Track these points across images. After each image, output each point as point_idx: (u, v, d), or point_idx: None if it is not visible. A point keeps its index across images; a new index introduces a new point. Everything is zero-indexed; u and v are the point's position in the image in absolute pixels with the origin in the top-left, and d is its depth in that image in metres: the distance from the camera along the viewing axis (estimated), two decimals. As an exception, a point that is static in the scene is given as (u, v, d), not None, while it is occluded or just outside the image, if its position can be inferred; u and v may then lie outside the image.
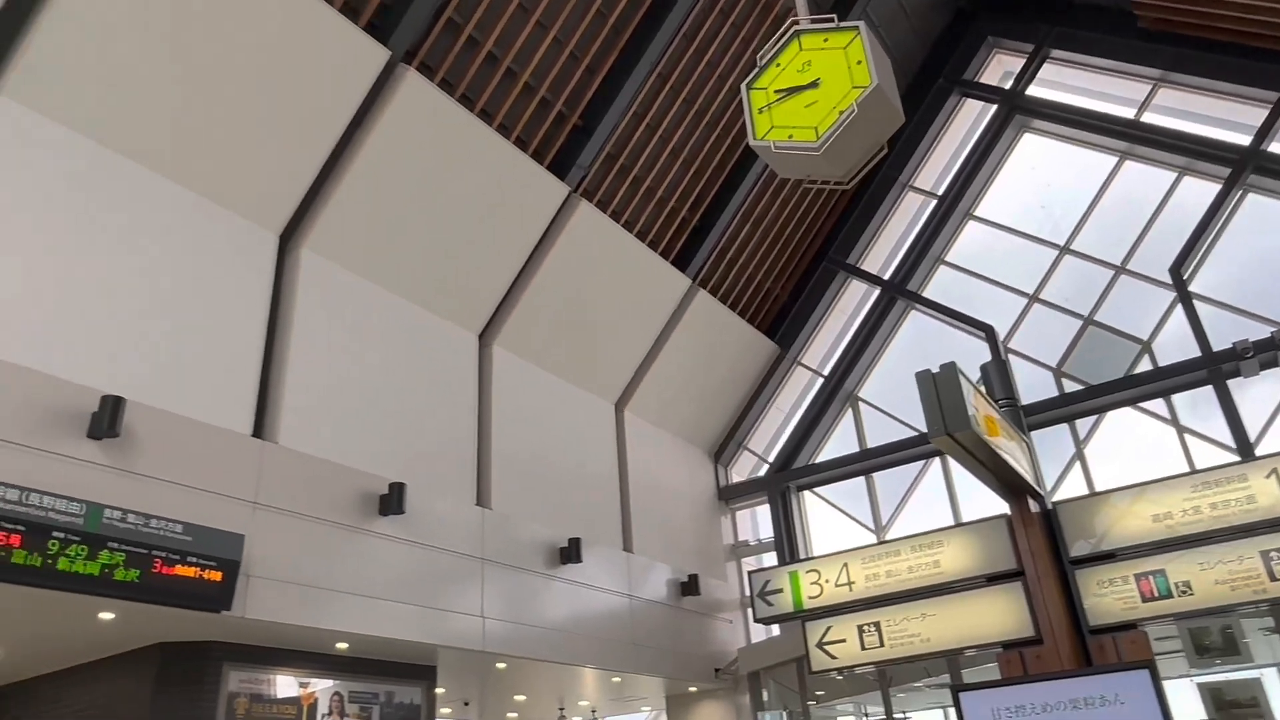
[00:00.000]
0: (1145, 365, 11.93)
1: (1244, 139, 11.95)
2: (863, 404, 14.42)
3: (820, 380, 14.88)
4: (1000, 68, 14.91)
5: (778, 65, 6.16)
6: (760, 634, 13.70)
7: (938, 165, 15.05)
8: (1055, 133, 13.89)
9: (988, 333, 12.86)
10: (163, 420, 7.37)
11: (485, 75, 10.19)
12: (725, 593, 14.03)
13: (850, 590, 6.96)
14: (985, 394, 6.36)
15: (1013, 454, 6.31)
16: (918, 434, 13.18)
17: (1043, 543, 6.41)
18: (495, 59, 10.20)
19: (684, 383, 14.02)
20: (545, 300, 11.60)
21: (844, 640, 6.84)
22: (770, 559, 14.37)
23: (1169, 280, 11.80)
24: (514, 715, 14.00)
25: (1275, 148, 11.67)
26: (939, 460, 13.29)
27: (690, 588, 12.83)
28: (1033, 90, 13.99)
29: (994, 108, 14.34)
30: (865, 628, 6.72)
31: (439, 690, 10.17)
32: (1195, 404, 11.55)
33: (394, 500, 8.80)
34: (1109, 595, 6.10)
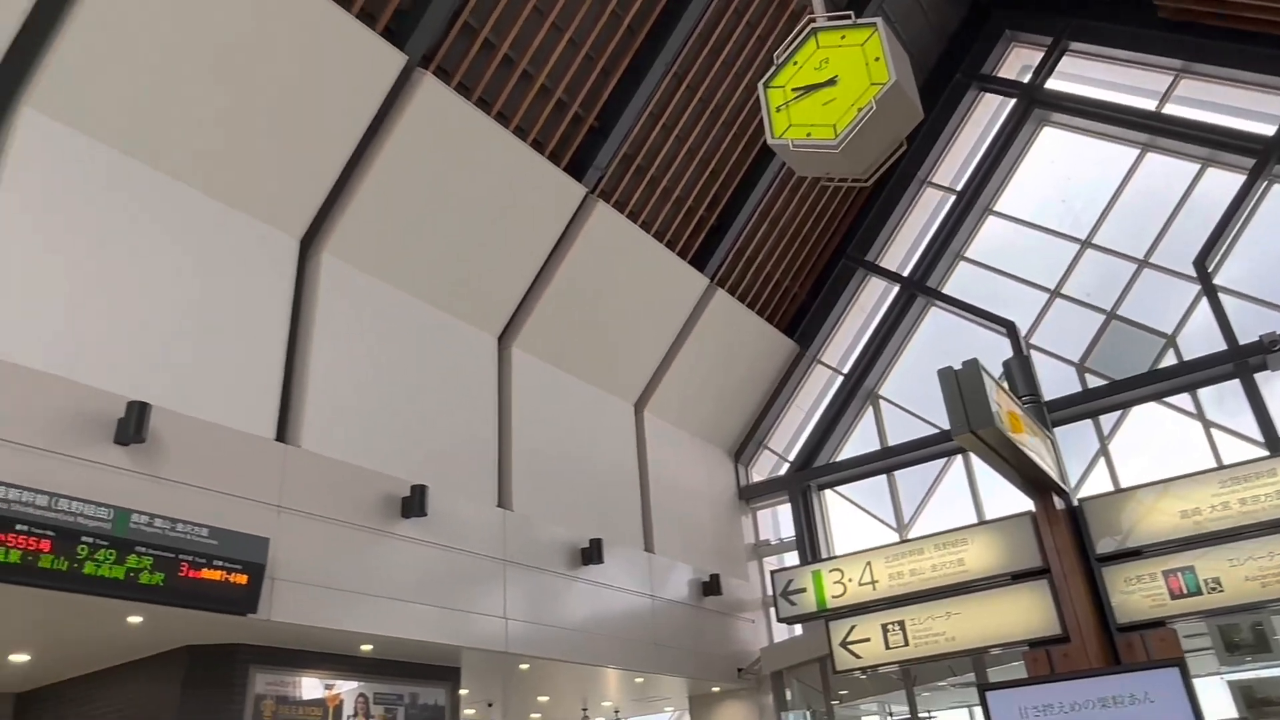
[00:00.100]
0: (1170, 360, 11.80)
1: (1268, 129, 11.80)
2: (883, 402, 14.35)
3: (840, 378, 14.83)
4: (1018, 61, 14.79)
5: (795, 63, 6.14)
6: (782, 633, 13.67)
7: (956, 161, 14.96)
8: (1075, 126, 13.76)
9: (1009, 329, 12.77)
10: (188, 425, 7.45)
11: (501, 78, 10.23)
12: (747, 592, 14.00)
13: (874, 589, 6.90)
14: (1008, 390, 6.31)
15: (1037, 450, 6.25)
16: (939, 431, 13.12)
17: (1068, 540, 6.34)
18: (511, 62, 10.24)
19: (703, 382, 14.00)
20: (564, 301, 11.62)
21: (868, 639, 6.79)
22: (791, 558, 14.33)
23: (1193, 273, 11.67)
24: (537, 716, 14.03)
25: (1301, 137, 11.54)
26: (961, 458, 13.21)
27: (712, 587, 12.82)
28: (1052, 83, 13.87)
29: (1012, 102, 14.24)
30: (889, 627, 6.67)
31: (463, 691, 10.21)
32: (1222, 398, 11.42)
33: (416, 502, 8.85)
34: (1137, 592, 6.02)
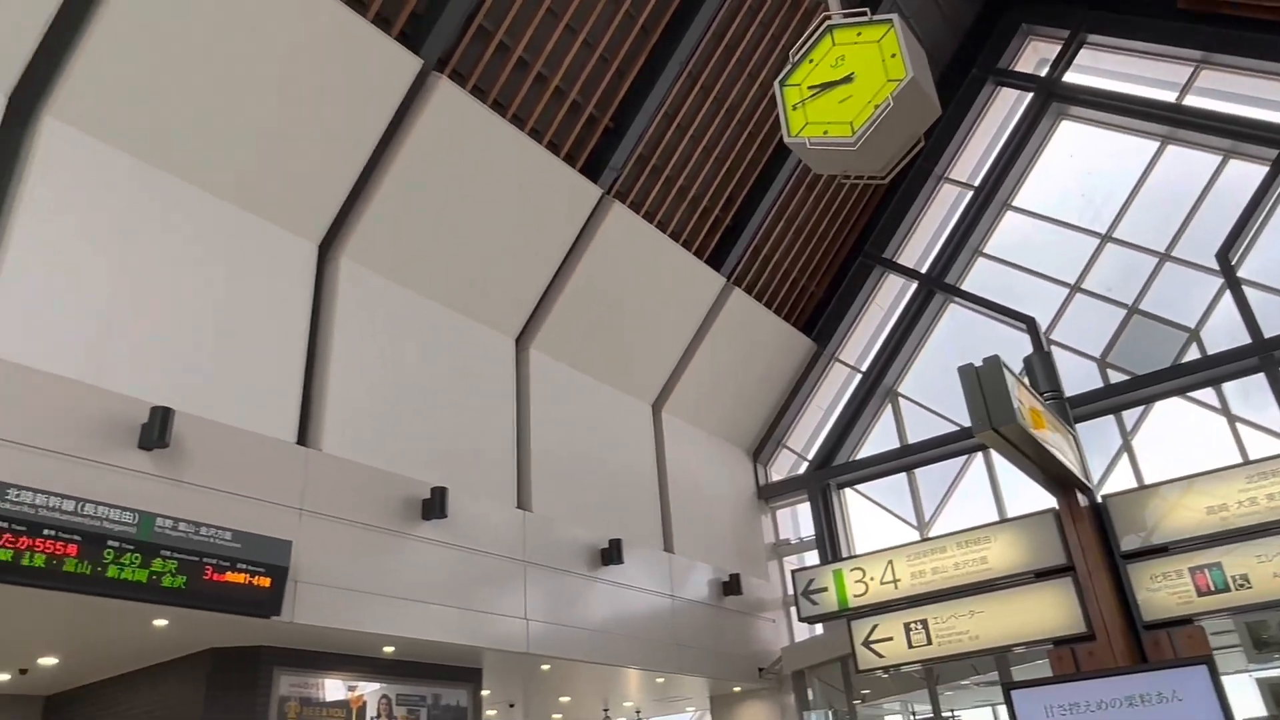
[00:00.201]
0: (1193, 354, 11.67)
1: (1291, 119, 11.66)
2: (902, 399, 14.28)
3: (859, 376, 14.77)
4: (1035, 55, 14.67)
5: (810, 61, 6.12)
6: (803, 633, 13.63)
7: (973, 156, 14.85)
8: (1094, 119, 13.64)
9: (1029, 324, 12.66)
10: (210, 430, 7.51)
11: (516, 81, 10.25)
12: (767, 592, 13.97)
13: (896, 588, 6.89)
14: (1029, 387, 6.26)
15: (1059, 447, 6.21)
16: (959, 429, 13.04)
17: (1093, 537, 6.30)
18: (526, 64, 10.26)
19: (721, 382, 13.98)
20: (580, 303, 11.63)
21: (890, 638, 6.77)
22: (811, 557, 14.28)
23: (1216, 266, 11.53)
24: (559, 717, 14.06)
25: (1325, 127, 11.39)
26: (981, 455, 13.12)
27: (732, 587, 12.79)
28: (1069, 77, 13.75)
29: (1030, 96, 14.12)
30: (912, 625, 6.65)
31: (485, 692, 10.24)
32: (1246, 392, 11.28)
33: (436, 504, 8.89)
34: (1163, 589, 5.98)
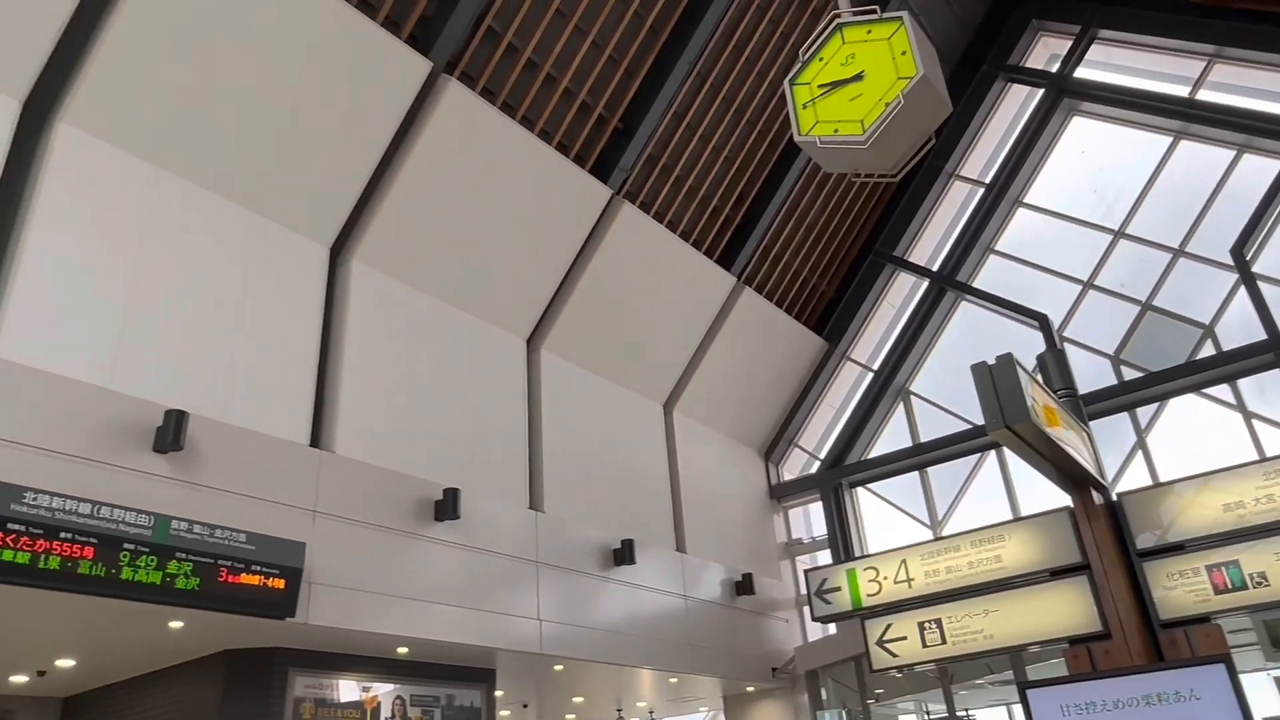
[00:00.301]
0: (1208, 350, 11.59)
1: (1306, 113, 11.57)
2: (914, 398, 14.23)
3: (870, 375, 14.73)
4: (1046, 51, 14.60)
5: (820, 60, 6.11)
6: (816, 632, 13.60)
7: (984, 153, 14.79)
8: (1106, 115, 13.56)
9: (1041, 322, 12.60)
10: (224, 433, 7.55)
11: (525, 82, 10.27)
12: (780, 591, 13.94)
13: (909, 587, 6.87)
14: (1043, 384, 6.23)
15: (1074, 445, 6.18)
16: (972, 427, 12.98)
17: (1108, 535, 6.26)
18: (535, 65, 10.28)
19: (732, 381, 13.97)
20: (591, 303, 11.64)
21: (905, 638, 6.75)
22: (824, 557, 14.25)
23: (1230, 262, 11.45)
24: (572, 717, 14.07)
25: (1340, 121, 11.30)
26: (994, 453, 13.06)
27: (745, 587, 12.77)
28: (1081, 72, 13.67)
29: (1041, 92, 14.05)
30: (926, 625, 6.63)
31: (498, 693, 10.26)
32: (1262, 389, 11.19)
33: (449, 505, 8.91)
34: (1179, 588, 5.94)
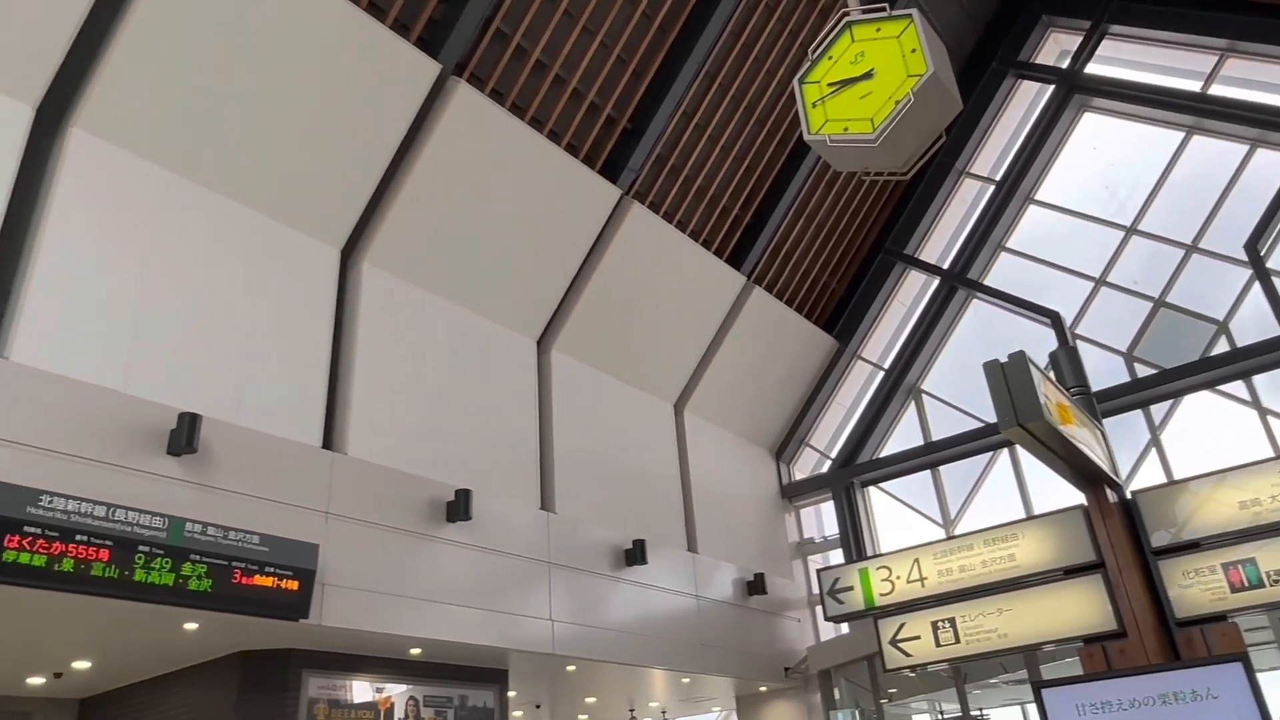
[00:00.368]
0: (1222, 346, 11.52)
1: (1320, 107, 11.48)
2: (926, 396, 14.18)
3: (881, 374, 14.69)
4: (1056, 47, 14.53)
5: (830, 58, 6.09)
6: (829, 632, 13.57)
7: (995, 150, 14.73)
8: (1117, 110, 13.48)
9: (1054, 319, 12.55)
10: (237, 435, 7.59)
11: (534, 83, 10.28)
12: (792, 591, 13.92)
13: (923, 586, 6.82)
14: (1055, 382, 6.20)
15: (1087, 443, 6.13)
16: (984, 425, 12.93)
17: (1123, 533, 6.21)
18: (544, 66, 10.29)
19: (743, 381, 13.95)
20: (601, 303, 11.65)
21: (918, 637, 6.71)
22: (836, 556, 14.22)
23: (1244, 257, 11.36)
24: (585, 717, 14.08)
25: (1355, 114, 11.20)
26: (1007, 451, 13.01)
27: (757, 587, 12.76)
28: (1091, 68, 13.60)
29: (1051, 88, 13.99)
30: (940, 624, 6.58)
31: (511, 693, 10.27)
32: (1278, 385, 11.11)
33: (460, 506, 8.93)
34: (1195, 586, 5.88)
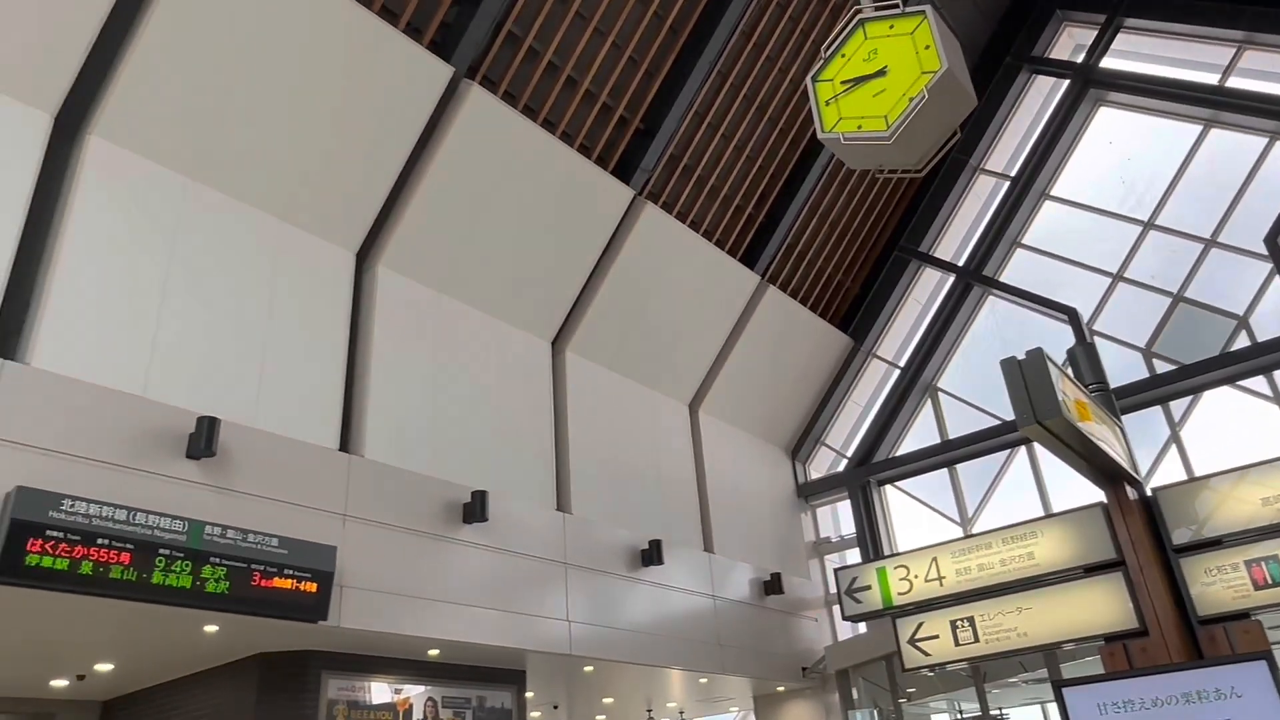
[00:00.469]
0: (1242, 341, 11.40)
1: (1340, 98, 11.35)
2: (942, 394, 14.11)
3: (897, 372, 14.63)
4: (1071, 41, 14.43)
5: (843, 56, 6.07)
6: (846, 631, 13.53)
7: (1009, 146, 14.65)
8: (1133, 104, 13.37)
9: (1070, 315, 12.46)
10: (255, 439, 7.64)
11: (546, 85, 10.30)
12: (809, 591, 13.88)
13: (941, 585, 6.80)
14: (1073, 379, 6.15)
15: (1106, 440, 6.09)
16: (1001, 423, 12.86)
17: (1143, 531, 6.16)
18: (556, 68, 10.30)
19: (758, 380, 13.92)
20: (615, 304, 11.65)
21: (937, 636, 6.69)
22: (853, 555, 14.17)
23: (1264, 251, 11.24)
24: (602, 718, 14.09)
25: (1376, 105, 11.07)
26: (1024, 449, 12.93)
27: (773, 586, 12.73)
28: (1106, 62, 13.50)
29: (1066, 83, 13.89)
30: (959, 623, 6.56)
31: (529, 694, 10.29)
32: (1299, 380, 10.99)
33: (477, 508, 8.95)
34: (1218, 583, 5.83)
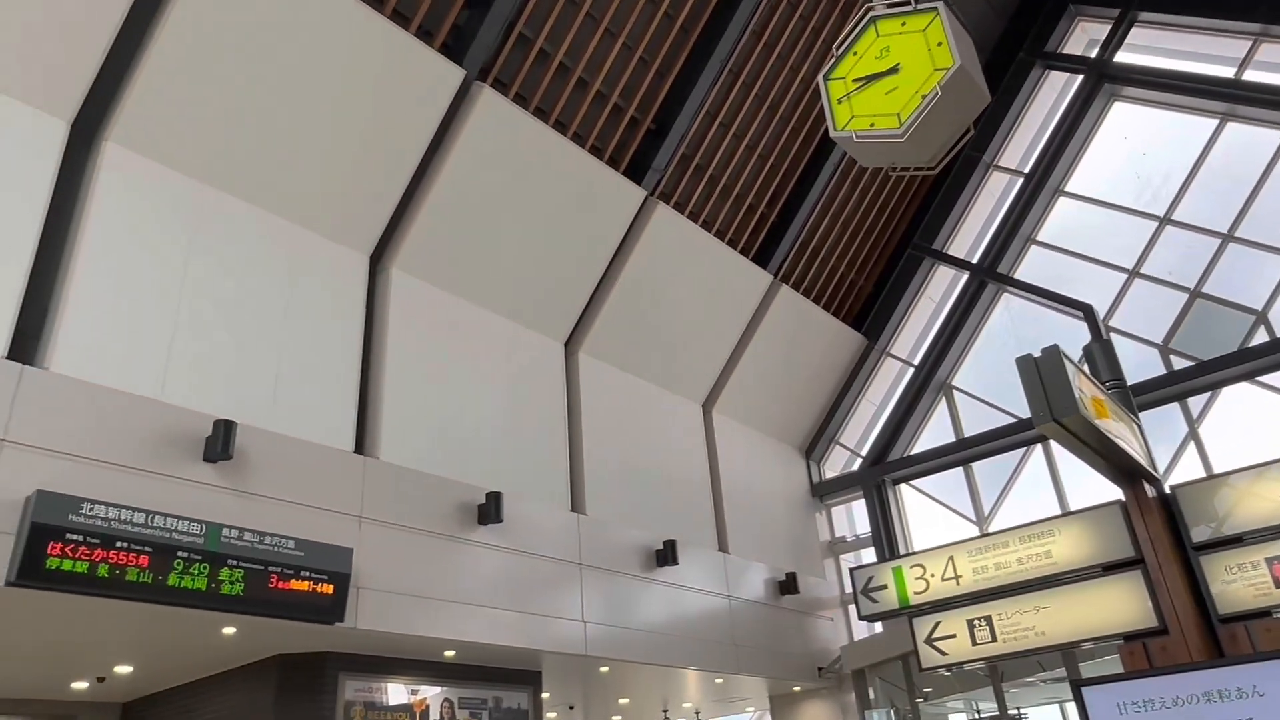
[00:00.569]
0: (1261, 337, 11.30)
1: (1359, 90, 11.23)
2: (957, 392, 14.04)
3: (911, 370, 14.56)
4: (1085, 36, 14.33)
5: (855, 54, 6.05)
6: (862, 631, 13.48)
7: (1023, 142, 14.56)
8: (1148, 99, 13.27)
9: (1086, 312, 12.34)
10: (271, 441, 7.68)
11: (558, 86, 10.31)
12: (824, 590, 13.84)
13: (958, 584, 6.77)
14: (1090, 376, 6.12)
15: (1124, 437, 6.05)
16: (1017, 421, 12.78)
17: (1162, 529, 6.12)
18: (567, 69, 10.32)
19: (771, 380, 13.90)
20: (628, 305, 11.65)
21: (954, 636, 6.66)
22: (868, 555, 14.12)
23: (1283, 246, 11.16)
24: (618, 718, 14.09)
25: (1395, 97, 10.95)
26: (1041, 447, 12.85)
27: (789, 586, 12.70)
28: (1121, 57, 13.40)
29: (1080, 78, 13.80)
30: (976, 622, 6.53)
31: (545, 695, 10.30)
32: (1320, 375, 10.89)
33: (492, 509, 8.97)
34: (1238, 581, 5.78)
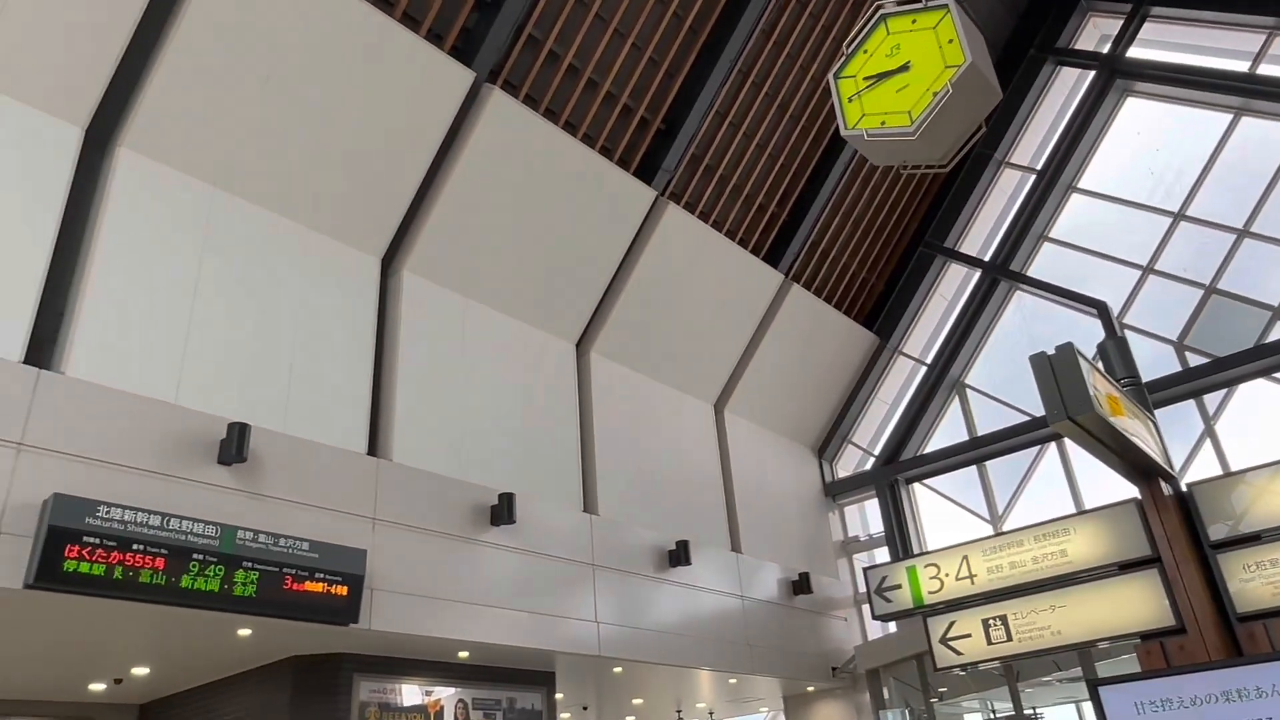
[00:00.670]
0: (1277, 333, 11.21)
1: (1376, 83, 11.12)
2: (970, 390, 13.98)
3: (924, 369, 14.51)
4: (1096, 31, 14.26)
5: (865, 52, 6.03)
6: (876, 631, 13.44)
7: (1035, 139, 14.49)
8: (1161, 94, 13.18)
9: (1100, 309, 12.26)
10: (285, 444, 7.71)
11: (567, 88, 10.33)
12: (838, 590, 13.80)
13: (972, 584, 6.75)
14: (1105, 373, 6.08)
15: (1139, 435, 6.01)
16: (1031, 419, 12.72)
17: (1179, 527, 6.08)
18: (576, 71, 10.33)
19: (783, 379, 13.87)
20: (639, 305, 11.65)
21: (969, 635, 6.64)
22: (881, 554, 14.07)
23: (1299, 241, 11.07)
24: (632, 719, 14.09)
25: None
26: (1055, 445, 12.78)
27: (802, 586, 12.67)
28: (1133, 52, 13.32)
29: (1092, 74, 13.72)
30: (991, 621, 6.50)
31: (558, 695, 10.31)
32: (1337, 371, 10.79)
33: (504, 510, 8.98)
34: (1257, 580, 5.74)
